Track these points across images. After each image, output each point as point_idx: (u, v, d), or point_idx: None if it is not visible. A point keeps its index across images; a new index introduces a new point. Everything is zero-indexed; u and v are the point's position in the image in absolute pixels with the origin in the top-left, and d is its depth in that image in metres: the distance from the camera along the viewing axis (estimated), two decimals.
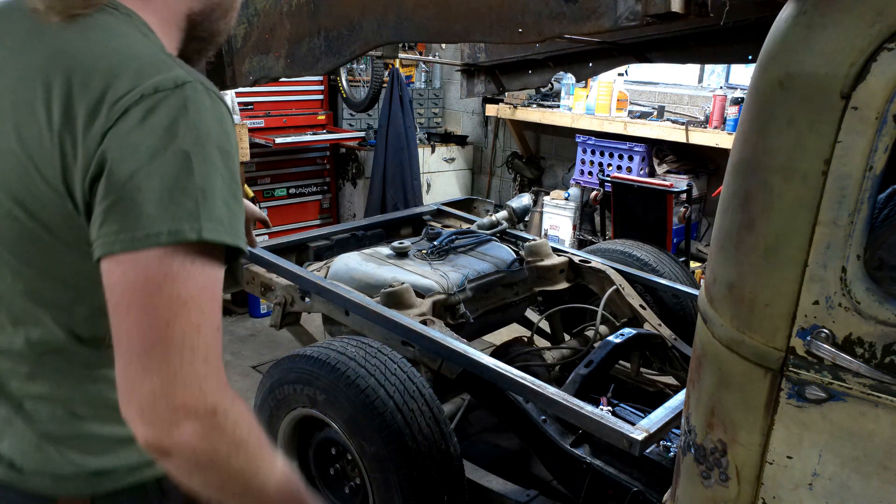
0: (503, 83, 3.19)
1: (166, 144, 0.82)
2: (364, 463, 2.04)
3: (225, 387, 0.89)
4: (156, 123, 0.82)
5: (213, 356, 0.87)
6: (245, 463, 0.91)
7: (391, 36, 1.94)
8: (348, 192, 5.74)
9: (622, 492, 2.00)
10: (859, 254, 1.03)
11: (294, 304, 2.74)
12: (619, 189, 4.20)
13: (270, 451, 0.97)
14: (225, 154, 0.87)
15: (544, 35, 1.58)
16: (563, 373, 2.72)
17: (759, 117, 1.12)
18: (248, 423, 0.92)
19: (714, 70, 4.84)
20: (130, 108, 0.82)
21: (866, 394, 1.03)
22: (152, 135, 0.82)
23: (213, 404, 0.86)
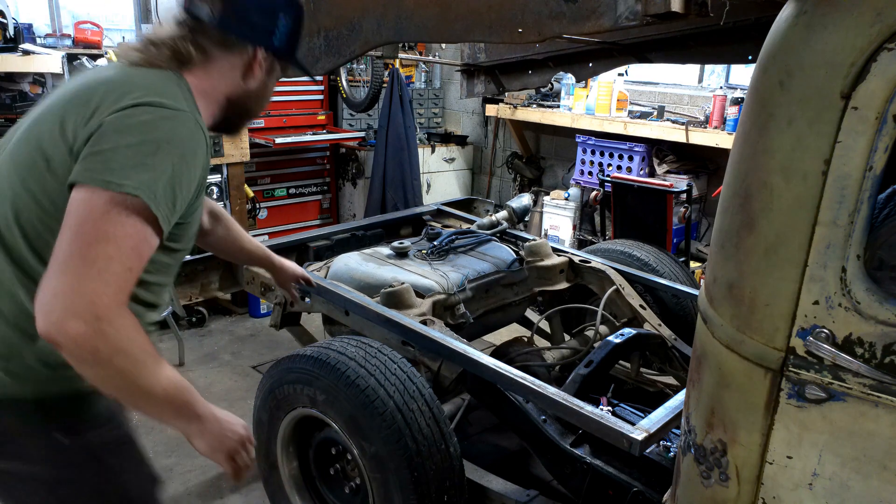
0: (503, 83, 3.20)
1: (146, 132, 1.20)
2: (364, 463, 2.04)
3: (117, 307, 1.14)
4: (146, 119, 1.21)
5: (115, 282, 1.15)
6: (127, 366, 1.16)
7: (391, 36, 1.94)
8: (348, 192, 5.74)
9: (622, 492, 2.00)
10: (859, 254, 1.03)
11: (294, 304, 2.74)
12: (619, 189, 4.19)
13: (156, 362, 1.20)
14: (185, 161, 1.23)
15: (544, 35, 1.58)
16: (563, 373, 2.72)
17: (759, 117, 1.12)
18: (133, 337, 1.16)
19: (714, 70, 4.84)
20: (136, 106, 1.22)
21: (866, 394, 1.03)
22: (140, 123, 1.20)
23: (99, 314, 1.11)
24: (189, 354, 4.01)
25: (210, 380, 3.77)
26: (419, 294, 2.55)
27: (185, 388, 1.26)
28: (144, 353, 1.18)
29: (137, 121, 1.20)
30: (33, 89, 3.92)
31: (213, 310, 4.59)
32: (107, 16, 4.97)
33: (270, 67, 1.44)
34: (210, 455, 1.33)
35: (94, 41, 4.48)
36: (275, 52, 1.42)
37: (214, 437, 1.31)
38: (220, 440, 1.33)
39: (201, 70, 1.37)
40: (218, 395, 3.60)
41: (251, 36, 1.39)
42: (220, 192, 4.34)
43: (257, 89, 1.44)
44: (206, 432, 1.30)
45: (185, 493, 2.83)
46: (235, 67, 1.40)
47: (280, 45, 1.42)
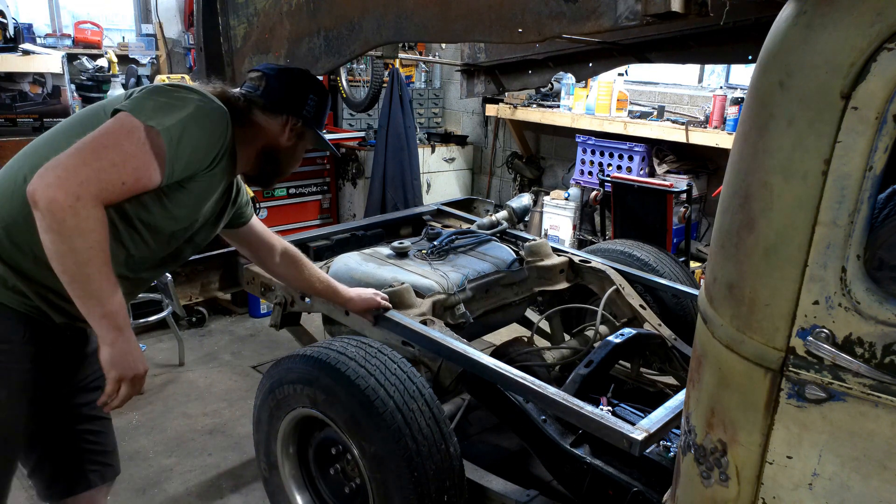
0: (503, 83, 3.20)
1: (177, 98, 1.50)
2: (364, 463, 2.04)
3: (97, 200, 1.34)
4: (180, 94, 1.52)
5: (106, 183, 1.36)
6: (82, 248, 1.33)
7: (391, 36, 1.94)
8: (348, 192, 5.74)
9: (622, 492, 2.00)
10: (859, 254, 1.03)
11: (294, 304, 2.74)
12: (619, 189, 4.19)
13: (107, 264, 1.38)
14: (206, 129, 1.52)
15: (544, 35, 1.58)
16: (563, 373, 2.72)
17: (759, 117, 1.12)
18: (98, 229, 1.35)
19: (714, 70, 4.84)
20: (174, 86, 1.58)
21: (866, 394, 1.03)
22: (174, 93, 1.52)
23: (80, 195, 1.32)
24: (189, 354, 4.01)
25: (210, 380, 3.77)
26: (419, 294, 2.55)
27: (118, 297, 1.43)
28: (101, 249, 1.36)
29: (173, 93, 1.51)
30: (33, 89, 3.92)
31: (213, 310, 4.59)
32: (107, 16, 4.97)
33: (301, 133, 1.80)
34: (107, 367, 1.46)
35: (94, 41, 4.48)
36: (304, 121, 1.78)
37: (121, 353, 1.45)
38: (124, 360, 1.46)
39: (248, 127, 1.72)
40: (218, 395, 3.61)
41: (287, 108, 1.76)
42: None
43: (288, 147, 1.79)
44: (118, 346, 1.44)
45: (185, 493, 2.83)
46: (273, 130, 1.76)
47: (308, 116, 1.79)
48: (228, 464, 3.02)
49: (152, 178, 1.43)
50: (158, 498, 2.80)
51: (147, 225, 1.55)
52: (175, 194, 1.54)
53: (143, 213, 1.53)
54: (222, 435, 3.24)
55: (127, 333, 1.46)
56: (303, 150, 1.86)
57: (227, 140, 1.58)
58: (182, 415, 3.40)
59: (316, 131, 1.83)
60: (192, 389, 3.66)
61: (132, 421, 3.32)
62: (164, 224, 1.58)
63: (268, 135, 1.76)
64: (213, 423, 3.34)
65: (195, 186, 1.57)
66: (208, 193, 1.65)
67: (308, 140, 1.84)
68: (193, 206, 1.62)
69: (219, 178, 1.65)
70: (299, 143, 1.82)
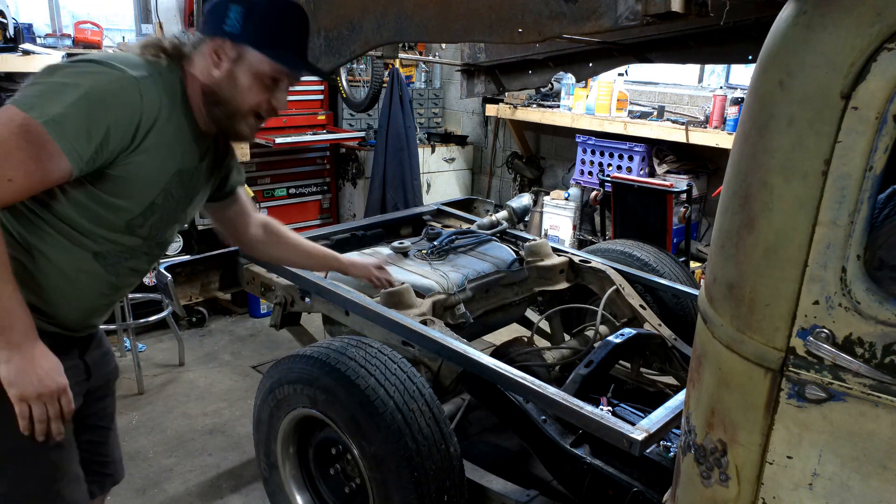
0: (503, 83, 3.19)
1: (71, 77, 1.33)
2: (364, 463, 2.04)
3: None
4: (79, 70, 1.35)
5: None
6: None
7: (391, 36, 1.94)
8: (348, 192, 5.74)
9: (622, 492, 2.00)
10: (859, 254, 1.03)
11: (294, 304, 2.74)
12: (619, 189, 4.19)
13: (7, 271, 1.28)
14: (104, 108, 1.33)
15: (544, 35, 1.58)
16: (563, 373, 2.72)
17: (759, 117, 1.12)
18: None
19: (714, 70, 4.84)
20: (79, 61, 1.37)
21: (866, 394, 1.03)
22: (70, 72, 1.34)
23: None
24: (189, 354, 4.01)
25: (210, 380, 3.77)
26: (419, 294, 2.55)
27: (15, 312, 1.31)
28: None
29: (76, 69, 1.34)
30: None
31: (213, 310, 4.59)
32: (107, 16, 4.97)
33: (236, 57, 1.49)
34: (6, 385, 1.33)
35: (94, 41, 4.48)
36: (231, 40, 1.48)
37: (19, 371, 1.33)
38: (24, 377, 1.33)
39: (186, 74, 1.52)
40: (218, 395, 3.61)
41: (206, 29, 1.51)
42: None
43: (223, 79, 1.50)
44: (14, 363, 1.32)
45: (185, 493, 2.83)
46: (203, 60, 1.51)
47: (233, 31, 1.48)
48: (228, 464, 3.02)
49: (51, 171, 1.30)
50: (158, 498, 2.80)
51: (99, 221, 1.44)
52: (106, 184, 1.41)
53: (86, 213, 1.42)
54: (222, 435, 3.24)
55: (27, 350, 1.33)
56: (248, 75, 1.50)
57: (147, 109, 1.38)
58: (182, 415, 3.40)
59: (253, 48, 1.49)
60: (192, 389, 3.66)
61: (132, 421, 3.32)
62: (120, 215, 1.46)
63: (201, 70, 1.51)
64: (213, 423, 3.34)
65: (130, 169, 1.41)
66: (159, 172, 1.48)
67: (253, 62, 1.50)
68: (141, 188, 1.46)
69: (169, 149, 1.47)
70: (237, 69, 1.49)
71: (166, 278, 2.70)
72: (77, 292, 1.50)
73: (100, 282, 1.52)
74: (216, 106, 1.52)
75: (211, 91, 1.51)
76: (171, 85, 1.46)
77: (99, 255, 1.49)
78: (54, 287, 1.46)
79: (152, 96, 1.39)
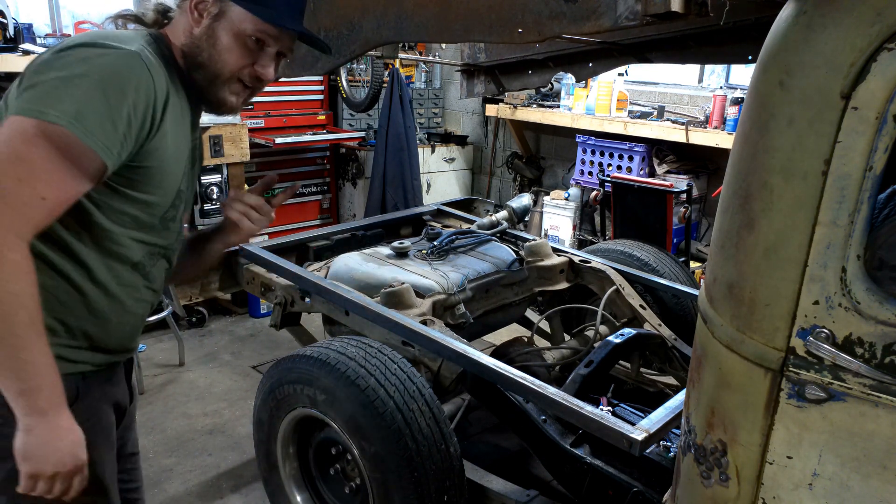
0: (503, 83, 3.19)
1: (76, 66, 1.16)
2: (364, 463, 2.04)
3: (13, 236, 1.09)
4: (81, 55, 1.18)
5: (19, 208, 1.09)
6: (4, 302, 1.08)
7: (391, 36, 1.94)
8: (348, 192, 5.74)
9: (622, 492, 2.00)
10: (859, 254, 1.02)
11: (294, 304, 2.74)
12: (619, 189, 4.19)
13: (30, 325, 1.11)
14: (121, 93, 1.18)
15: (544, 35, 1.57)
16: (563, 373, 2.72)
17: (759, 117, 1.12)
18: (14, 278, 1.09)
19: (714, 70, 4.84)
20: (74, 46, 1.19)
21: (866, 394, 1.03)
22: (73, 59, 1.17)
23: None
24: (189, 354, 4.01)
25: (210, 380, 3.77)
26: (419, 294, 2.55)
27: (44, 372, 1.14)
28: (18, 304, 1.09)
29: (71, 58, 1.18)
30: None
31: (213, 310, 4.59)
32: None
33: (217, 13, 1.33)
34: (19, 458, 1.17)
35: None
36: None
37: (40, 444, 1.16)
38: (43, 452, 1.16)
39: (170, 28, 1.38)
40: (218, 395, 3.61)
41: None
42: (220, 192, 4.34)
43: (201, 37, 1.34)
44: (37, 434, 1.15)
45: (185, 493, 2.83)
46: (183, 18, 1.37)
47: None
48: (228, 464, 3.02)
49: (83, 177, 1.17)
50: (158, 498, 2.79)
51: (130, 223, 1.32)
52: (134, 180, 1.28)
53: (115, 216, 1.29)
54: (222, 435, 3.24)
55: (53, 419, 1.16)
56: (228, 34, 1.34)
57: (159, 85, 1.25)
58: (182, 415, 3.40)
59: (238, 5, 1.33)
60: (192, 389, 3.66)
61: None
62: (150, 211, 1.34)
63: (182, 29, 1.36)
64: (213, 423, 3.34)
65: (155, 157, 1.28)
66: (179, 152, 1.37)
67: (235, 19, 1.33)
68: (168, 176, 1.34)
69: (181, 126, 1.36)
70: (218, 27, 1.34)
71: None
72: (124, 310, 1.38)
73: (141, 292, 1.42)
74: (196, 69, 1.37)
75: (190, 52, 1.35)
76: (161, 55, 1.32)
77: (138, 264, 1.38)
78: (104, 310, 1.34)
79: (157, 68, 1.26)
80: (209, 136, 4.19)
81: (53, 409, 1.16)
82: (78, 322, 1.30)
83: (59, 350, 1.25)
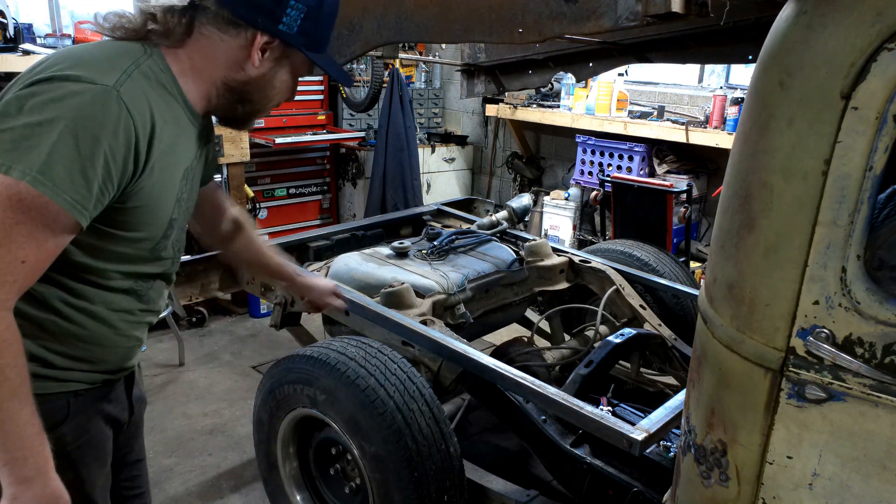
0: (503, 83, 3.19)
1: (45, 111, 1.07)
2: (364, 463, 2.04)
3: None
4: (51, 96, 1.09)
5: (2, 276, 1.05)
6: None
7: (391, 36, 1.94)
8: (348, 192, 5.74)
9: (622, 492, 2.00)
10: (859, 254, 1.03)
11: (294, 304, 2.74)
12: (619, 189, 4.19)
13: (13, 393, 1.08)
14: (94, 140, 1.09)
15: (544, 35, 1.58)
16: (563, 373, 2.72)
17: (759, 117, 1.12)
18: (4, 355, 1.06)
19: (714, 70, 4.84)
20: (46, 81, 1.11)
21: (866, 394, 1.03)
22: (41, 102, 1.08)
23: None
24: (189, 354, 4.01)
25: (210, 380, 3.77)
26: (419, 294, 2.55)
27: (30, 443, 1.11)
28: (1, 378, 1.06)
29: (42, 98, 1.09)
30: None
31: (213, 310, 4.59)
32: None
33: (279, 57, 1.31)
34: None
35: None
36: (283, 40, 1.28)
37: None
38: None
39: (193, 47, 1.27)
40: (218, 395, 3.61)
41: (251, 18, 1.25)
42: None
43: (258, 78, 1.31)
44: (20, 501, 1.13)
45: (185, 493, 2.83)
46: (234, 50, 1.27)
47: (288, 31, 1.27)
48: (228, 464, 3.02)
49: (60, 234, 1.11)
50: (158, 498, 2.79)
51: (122, 259, 1.28)
52: (119, 221, 1.22)
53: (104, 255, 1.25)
54: (222, 435, 3.24)
55: (39, 486, 1.13)
56: (287, 77, 1.36)
57: (140, 121, 1.16)
58: (182, 415, 3.40)
59: (305, 53, 1.32)
60: (192, 389, 3.66)
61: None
62: (141, 246, 1.30)
63: (227, 64, 1.29)
64: (213, 423, 3.34)
65: (142, 195, 1.21)
66: (170, 183, 1.29)
67: (295, 64, 1.35)
68: (157, 210, 1.28)
69: (173, 153, 1.27)
70: (278, 69, 1.33)
71: None
72: (119, 333, 1.36)
73: (137, 315, 1.38)
74: (242, 103, 1.34)
75: (240, 87, 1.31)
76: (154, 74, 1.22)
77: (130, 290, 1.33)
78: (99, 337, 1.31)
79: (138, 102, 1.16)
80: None
81: (39, 477, 1.14)
82: (68, 349, 1.28)
83: (50, 373, 1.25)
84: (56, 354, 1.26)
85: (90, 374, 1.33)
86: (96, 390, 1.36)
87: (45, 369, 1.24)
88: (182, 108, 1.29)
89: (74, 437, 1.31)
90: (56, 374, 1.27)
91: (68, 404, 1.31)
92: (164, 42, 1.26)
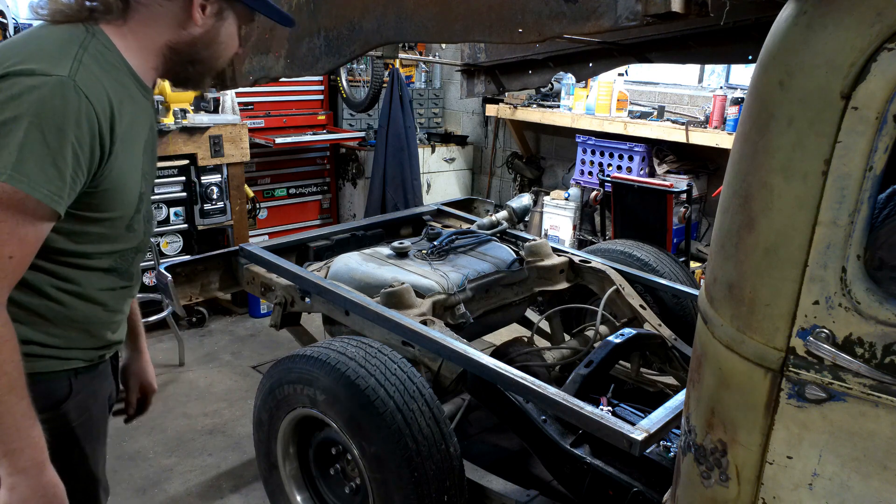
0: (503, 83, 3.19)
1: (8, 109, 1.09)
2: (364, 463, 2.04)
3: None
4: (11, 93, 1.10)
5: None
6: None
7: (391, 36, 1.94)
8: (348, 192, 5.74)
9: (622, 492, 2.00)
10: (859, 254, 1.03)
11: (294, 304, 2.74)
12: (619, 189, 4.20)
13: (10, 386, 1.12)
14: (59, 132, 1.12)
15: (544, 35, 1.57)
16: (563, 373, 2.72)
17: (759, 117, 1.12)
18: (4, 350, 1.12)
19: (714, 70, 4.84)
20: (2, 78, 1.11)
21: (866, 394, 1.03)
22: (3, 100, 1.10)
23: None
24: (189, 354, 4.01)
25: (210, 380, 3.77)
26: (419, 294, 2.55)
27: (26, 434, 1.16)
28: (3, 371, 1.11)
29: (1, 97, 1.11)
30: None
31: (213, 310, 4.59)
32: None
33: (220, 10, 1.32)
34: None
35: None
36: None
37: (23, 500, 1.18)
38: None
39: (135, 19, 1.27)
40: (218, 395, 3.61)
41: None
42: (219, 192, 4.34)
43: (203, 35, 1.32)
44: (19, 492, 1.17)
45: (185, 493, 2.83)
46: (175, 13, 1.28)
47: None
48: (228, 464, 3.02)
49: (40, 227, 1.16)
50: (158, 498, 2.80)
51: (102, 239, 1.32)
52: (92, 204, 1.25)
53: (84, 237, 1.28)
54: (222, 435, 3.24)
55: (35, 476, 1.18)
56: (231, 30, 1.37)
57: (99, 108, 1.18)
58: (182, 415, 3.40)
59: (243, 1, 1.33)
60: (192, 389, 3.66)
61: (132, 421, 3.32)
62: (118, 224, 1.33)
63: (170, 24, 1.29)
64: (213, 423, 3.34)
65: (111, 178, 1.25)
66: (134, 160, 1.32)
67: (237, 13, 1.36)
68: (126, 189, 1.30)
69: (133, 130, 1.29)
70: (221, 24, 1.34)
71: (166, 278, 2.70)
72: (108, 309, 1.41)
73: (120, 290, 1.44)
74: (193, 64, 1.35)
75: (187, 48, 1.32)
76: (102, 54, 1.23)
77: (110, 269, 1.38)
78: (90, 315, 1.37)
79: (94, 89, 1.18)
80: (209, 136, 4.19)
81: (35, 468, 1.18)
82: (63, 331, 1.33)
83: (52, 352, 1.32)
84: (54, 336, 1.32)
85: (87, 350, 1.39)
86: (93, 368, 1.42)
87: (47, 349, 1.30)
88: (133, 83, 1.30)
89: (77, 414, 1.38)
90: (58, 354, 1.33)
91: (70, 382, 1.37)
92: (105, 18, 1.26)
